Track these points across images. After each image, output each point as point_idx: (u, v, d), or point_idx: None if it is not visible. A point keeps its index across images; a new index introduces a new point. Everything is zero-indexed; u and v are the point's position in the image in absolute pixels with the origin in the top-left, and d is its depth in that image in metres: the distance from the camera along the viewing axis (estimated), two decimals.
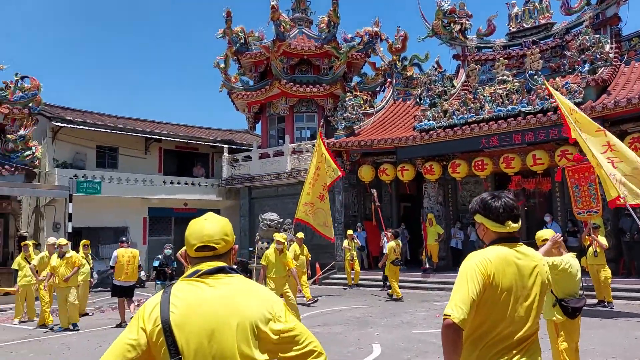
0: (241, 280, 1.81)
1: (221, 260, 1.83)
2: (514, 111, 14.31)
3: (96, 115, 21.65)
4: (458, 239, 16.56)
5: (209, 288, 1.75)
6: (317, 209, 13.52)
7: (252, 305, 1.73)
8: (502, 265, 2.23)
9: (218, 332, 1.68)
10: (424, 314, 10.45)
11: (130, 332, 1.73)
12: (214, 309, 1.71)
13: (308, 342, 1.75)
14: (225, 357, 1.67)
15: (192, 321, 1.69)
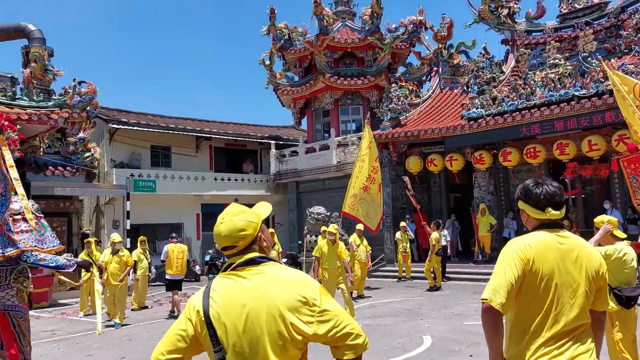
0: (273, 269, 1.85)
1: (250, 252, 1.88)
2: (567, 96, 13.78)
3: (149, 116, 22.45)
4: (511, 229, 16.16)
5: (242, 280, 1.82)
6: (360, 199, 13.47)
7: (282, 294, 1.77)
8: (542, 250, 2.23)
9: (250, 323, 1.75)
10: (475, 306, 10.29)
11: (180, 323, 1.86)
12: (245, 301, 1.77)
13: (345, 324, 1.75)
14: (258, 347, 1.74)
15: (227, 313, 1.78)
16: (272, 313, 1.75)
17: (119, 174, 18.76)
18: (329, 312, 1.75)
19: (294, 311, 1.75)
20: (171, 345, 1.83)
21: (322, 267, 9.30)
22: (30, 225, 4.17)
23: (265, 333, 1.74)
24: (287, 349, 1.75)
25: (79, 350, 8.11)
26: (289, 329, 1.74)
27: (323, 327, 1.74)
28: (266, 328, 1.74)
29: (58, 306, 13.79)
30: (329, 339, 1.75)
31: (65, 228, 17.14)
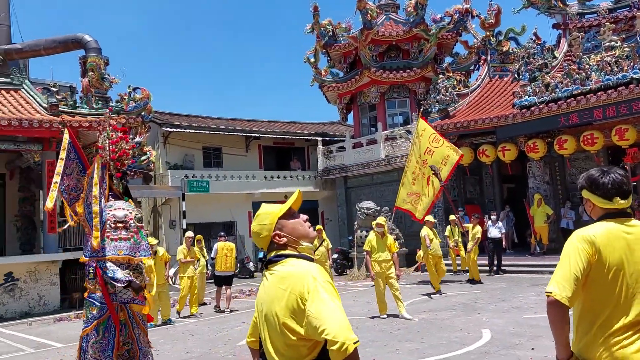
0: (283, 267, 1.93)
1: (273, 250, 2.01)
2: (625, 79, 13.19)
3: (200, 119, 23.09)
4: (569, 219, 15.63)
5: (270, 276, 1.97)
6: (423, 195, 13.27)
7: (282, 295, 1.85)
8: (609, 240, 2.20)
9: (264, 319, 1.93)
10: (534, 299, 10.07)
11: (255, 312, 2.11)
12: (263, 299, 1.96)
13: (324, 328, 1.72)
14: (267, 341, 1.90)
15: (259, 306, 2.00)
16: (272, 313, 1.87)
17: (174, 176, 19.42)
18: (312, 314, 1.76)
19: (288, 310, 1.82)
20: (251, 329, 2.14)
21: (373, 260, 9.34)
22: (129, 233, 4.50)
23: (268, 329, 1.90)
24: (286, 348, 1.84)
25: None
26: (281, 329, 1.84)
27: (309, 329, 1.77)
28: (269, 327, 1.89)
29: None
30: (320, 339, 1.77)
31: None
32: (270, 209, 2.05)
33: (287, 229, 2.01)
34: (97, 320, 4.31)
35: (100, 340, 4.30)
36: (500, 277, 14.08)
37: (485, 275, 14.36)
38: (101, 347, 4.29)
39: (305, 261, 1.95)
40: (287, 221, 2.01)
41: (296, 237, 2.01)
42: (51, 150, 14.42)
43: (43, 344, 9.17)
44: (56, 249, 14.37)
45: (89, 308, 4.39)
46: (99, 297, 4.35)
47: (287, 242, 2.00)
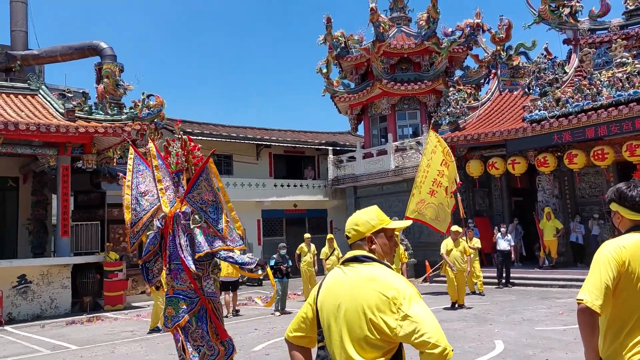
0: (371, 268, 2.00)
1: (360, 249, 2.10)
2: (636, 95, 13.34)
3: (211, 126, 23.33)
4: (579, 233, 15.67)
5: (343, 274, 2.04)
6: (428, 204, 13.40)
7: (369, 292, 1.91)
8: (637, 251, 2.30)
9: (340, 314, 1.96)
10: (545, 311, 10.12)
11: (304, 307, 2.19)
12: (340, 293, 1.99)
13: (425, 331, 1.78)
14: (341, 336, 1.94)
15: (327, 302, 2.03)
16: (357, 309, 1.91)
17: None
18: (411, 317, 1.82)
19: (377, 310, 1.88)
20: (296, 325, 2.19)
21: None
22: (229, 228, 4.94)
23: (347, 326, 1.93)
24: (364, 345, 1.90)
25: (161, 349, 8.61)
26: (369, 325, 1.89)
27: (404, 331, 1.82)
28: (348, 321, 1.93)
29: (132, 309, 14.55)
30: (411, 342, 1.83)
31: None
32: (382, 216, 2.17)
33: (380, 240, 2.13)
34: (187, 313, 4.71)
35: (196, 330, 4.74)
36: (509, 289, 14.12)
37: (493, 288, 14.41)
38: (199, 335, 4.76)
39: (392, 270, 2.05)
40: (384, 235, 2.14)
41: (381, 251, 2.13)
42: (66, 155, 14.64)
43: (59, 346, 9.30)
44: (68, 253, 14.54)
45: (177, 304, 4.75)
46: (187, 293, 4.78)
47: (373, 250, 2.11)
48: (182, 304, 4.73)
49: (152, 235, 5.01)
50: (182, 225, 4.77)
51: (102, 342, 9.43)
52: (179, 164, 5.11)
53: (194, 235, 4.75)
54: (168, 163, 5.17)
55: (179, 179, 5.08)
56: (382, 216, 2.18)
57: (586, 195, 16.57)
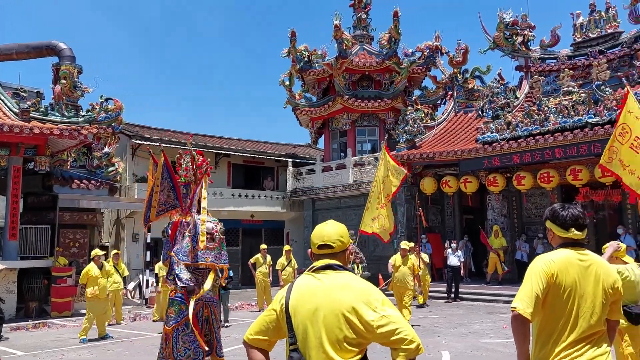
0: (344, 275, 2.18)
1: (336, 259, 2.24)
2: (580, 122, 14.18)
3: (170, 132, 23.10)
4: (524, 251, 16.40)
5: (317, 281, 2.17)
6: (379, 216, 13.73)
7: (347, 296, 2.08)
8: (564, 265, 2.58)
9: (317, 317, 2.09)
10: (490, 325, 10.58)
11: (267, 311, 2.27)
12: (316, 298, 2.12)
13: (401, 329, 2.01)
14: (320, 338, 2.07)
15: (302, 306, 2.13)
16: (336, 312, 2.07)
17: (141, 189, 19.30)
18: (388, 317, 2.03)
19: (356, 312, 2.05)
20: (258, 328, 2.25)
21: None
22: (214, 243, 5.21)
23: (325, 328, 2.07)
24: (342, 346, 2.05)
25: (110, 357, 8.49)
26: (348, 327, 2.05)
27: (383, 330, 2.02)
28: (326, 324, 2.07)
29: (80, 316, 14.14)
30: (387, 340, 2.03)
31: (87, 240, 17.64)
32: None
33: (349, 251, 2.35)
34: (185, 317, 5.00)
35: (190, 333, 4.98)
36: (458, 303, 14.62)
37: (442, 302, 14.89)
38: (190, 339, 4.99)
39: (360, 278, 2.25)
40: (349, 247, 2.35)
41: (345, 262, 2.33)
42: (18, 156, 14.22)
43: (3, 352, 9.01)
44: (15, 257, 14.05)
45: (178, 306, 5.08)
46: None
47: (344, 260, 2.31)
48: (182, 307, 5.03)
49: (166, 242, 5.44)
50: (183, 233, 5.15)
51: (49, 349, 9.20)
52: (188, 177, 5.58)
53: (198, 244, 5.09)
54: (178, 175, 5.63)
55: (187, 191, 5.51)
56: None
57: (532, 215, 17.39)
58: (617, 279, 2.68)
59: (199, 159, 5.63)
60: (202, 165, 5.63)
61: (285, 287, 2.32)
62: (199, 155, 5.70)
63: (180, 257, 5.04)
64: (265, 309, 2.32)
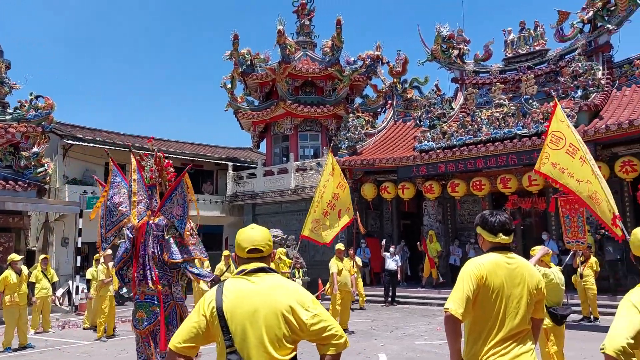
0: (276, 277, 2.33)
1: (264, 262, 2.37)
2: (510, 134, 14.98)
3: (104, 133, 22.26)
4: (457, 255, 17.05)
5: (251, 284, 2.28)
6: (322, 224, 13.83)
7: (284, 297, 2.23)
8: (493, 268, 2.77)
9: (257, 318, 2.19)
10: (425, 327, 10.94)
11: (194, 317, 2.27)
12: (254, 299, 2.22)
13: (332, 326, 2.25)
14: (261, 338, 2.17)
15: (239, 308, 2.21)
16: (275, 312, 2.20)
17: (72, 191, 18.48)
18: (319, 315, 2.23)
19: (292, 311, 2.21)
20: (186, 335, 2.24)
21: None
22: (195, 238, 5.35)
23: (265, 328, 2.18)
24: (281, 344, 2.19)
25: None
26: (290, 324, 2.20)
27: (316, 327, 2.21)
28: (267, 324, 2.18)
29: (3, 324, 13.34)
30: (319, 337, 2.22)
31: (13, 244, 16.65)
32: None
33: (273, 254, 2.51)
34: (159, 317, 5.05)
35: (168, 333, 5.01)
36: (395, 307, 15.00)
37: (380, 306, 15.22)
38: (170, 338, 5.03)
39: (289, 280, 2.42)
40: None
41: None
42: None
43: None
44: None
45: (149, 308, 5.14)
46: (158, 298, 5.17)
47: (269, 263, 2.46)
48: (154, 308, 5.07)
49: (123, 245, 5.34)
50: (154, 235, 5.12)
51: None
52: (153, 178, 5.59)
53: (169, 245, 5.14)
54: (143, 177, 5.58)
55: (152, 192, 5.54)
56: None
57: (465, 221, 18.15)
58: (540, 280, 2.88)
59: (165, 161, 5.69)
60: (168, 167, 5.71)
61: (211, 292, 2.33)
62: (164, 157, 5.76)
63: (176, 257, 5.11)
64: (190, 316, 2.30)
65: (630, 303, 2.31)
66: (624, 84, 16.08)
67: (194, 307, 2.32)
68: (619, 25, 16.32)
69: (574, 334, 8.97)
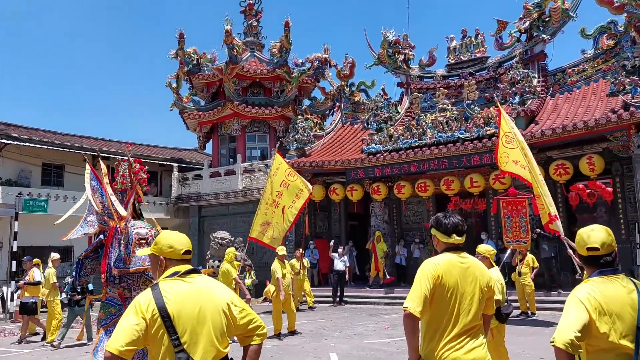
0: (206, 278, 2.52)
1: (189, 264, 2.54)
2: (453, 137, 15.52)
3: (41, 132, 21.23)
4: (402, 255, 17.44)
5: (188, 284, 2.41)
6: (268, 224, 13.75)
7: (220, 295, 2.45)
8: (448, 267, 2.91)
9: (203, 315, 2.34)
10: (373, 326, 11.16)
11: (133, 319, 2.27)
12: (197, 299, 2.37)
13: (256, 319, 2.51)
14: (208, 334, 2.33)
15: (185, 309, 2.32)
16: (217, 309, 2.40)
17: (6, 192, 17.50)
18: (245, 310, 2.49)
19: (227, 308, 2.43)
20: (129, 339, 2.23)
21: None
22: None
23: (211, 323, 2.35)
24: (223, 338, 2.39)
25: None
26: (228, 320, 2.41)
27: (244, 320, 2.47)
28: (212, 320, 2.36)
29: None
30: (246, 329, 2.47)
31: None
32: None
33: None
34: (115, 318, 5.06)
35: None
36: (343, 307, 15.18)
37: (328, 306, 15.36)
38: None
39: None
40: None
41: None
42: None
43: None
44: None
45: (108, 309, 5.24)
46: (117, 300, 5.26)
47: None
48: (112, 310, 5.18)
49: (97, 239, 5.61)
50: (118, 239, 5.17)
51: None
52: (124, 183, 5.83)
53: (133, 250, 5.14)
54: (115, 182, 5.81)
55: (123, 197, 5.72)
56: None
57: (410, 222, 18.62)
58: (490, 278, 3.06)
59: (136, 167, 5.85)
60: (139, 172, 5.88)
61: (145, 294, 2.36)
62: (137, 163, 5.92)
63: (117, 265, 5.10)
64: (128, 319, 2.27)
65: (577, 299, 2.47)
66: (557, 91, 17.04)
67: (127, 310, 2.32)
68: (553, 35, 17.30)
69: (514, 329, 9.44)
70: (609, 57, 16.07)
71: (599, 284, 2.50)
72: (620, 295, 2.46)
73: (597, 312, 2.41)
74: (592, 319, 2.39)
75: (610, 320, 2.41)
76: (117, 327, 2.27)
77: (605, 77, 15.55)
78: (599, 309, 2.41)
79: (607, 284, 2.50)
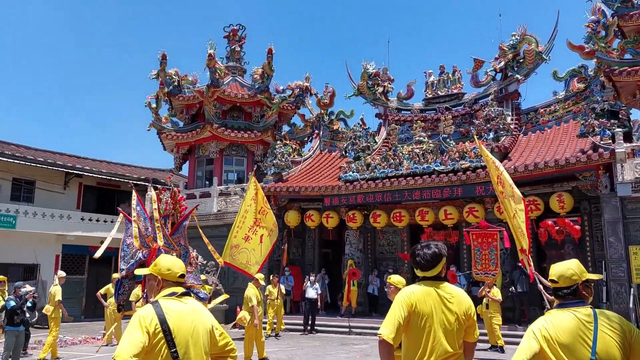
0: (195, 301, 2.80)
1: (180, 286, 2.79)
2: (428, 169, 15.80)
3: (13, 147, 20.82)
4: (375, 285, 17.43)
5: (184, 305, 2.68)
6: (242, 249, 13.61)
7: (207, 318, 2.73)
8: (422, 296, 2.98)
9: (197, 333, 2.62)
10: (345, 356, 11.07)
11: (138, 333, 2.47)
12: (192, 317, 2.65)
13: (231, 343, 2.83)
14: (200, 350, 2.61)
15: (183, 325, 2.58)
16: (206, 328, 2.69)
17: None
18: (224, 333, 2.80)
19: (213, 328, 2.73)
20: (136, 350, 2.40)
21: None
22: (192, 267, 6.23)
23: (202, 342, 2.64)
24: (207, 355, 2.68)
25: None
26: (211, 340, 2.71)
27: (223, 341, 2.79)
28: (202, 339, 2.64)
29: None
30: (222, 350, 2.78)
31: None
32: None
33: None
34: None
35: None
36: (314, 335, 15.02)
37: (299, 334, 15.18)
38: None
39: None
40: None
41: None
42: None
43: None
44: None
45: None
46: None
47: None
48: None
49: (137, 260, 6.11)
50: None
51: None
52: (167, 210, 6.54)
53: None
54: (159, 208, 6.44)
55: (165, 221, 6.40)
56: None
57: (384, 251, 18.69)
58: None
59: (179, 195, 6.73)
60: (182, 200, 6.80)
61: (146, 310, 2.56)
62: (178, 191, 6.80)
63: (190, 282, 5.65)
64: (133, 332, 2.45)
65: (530, 330, 2.65)
66: (529, 129, 17.59)
67: (131, 324, 2.48)
68: (527, 76, 17.95)
69: None
70: (580, 100, 16.72)
71: (555, 316, 2.62)
72: (572, 327, 2.54)
73: (547, 342, 2.53)
74: (542, 349, 2.53)
75: (561, 351, 2.50)
76: (124, 338, 2.44)
77: (575, 118, 16.13)
78: (548, 339, 2.53)
79: (562, 316, 2.60)
